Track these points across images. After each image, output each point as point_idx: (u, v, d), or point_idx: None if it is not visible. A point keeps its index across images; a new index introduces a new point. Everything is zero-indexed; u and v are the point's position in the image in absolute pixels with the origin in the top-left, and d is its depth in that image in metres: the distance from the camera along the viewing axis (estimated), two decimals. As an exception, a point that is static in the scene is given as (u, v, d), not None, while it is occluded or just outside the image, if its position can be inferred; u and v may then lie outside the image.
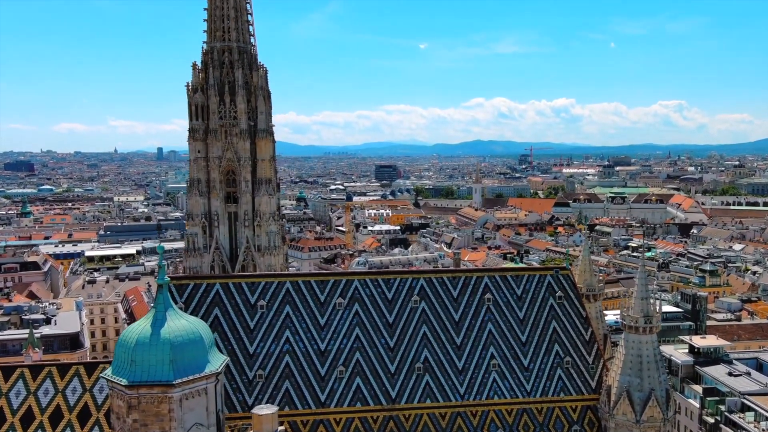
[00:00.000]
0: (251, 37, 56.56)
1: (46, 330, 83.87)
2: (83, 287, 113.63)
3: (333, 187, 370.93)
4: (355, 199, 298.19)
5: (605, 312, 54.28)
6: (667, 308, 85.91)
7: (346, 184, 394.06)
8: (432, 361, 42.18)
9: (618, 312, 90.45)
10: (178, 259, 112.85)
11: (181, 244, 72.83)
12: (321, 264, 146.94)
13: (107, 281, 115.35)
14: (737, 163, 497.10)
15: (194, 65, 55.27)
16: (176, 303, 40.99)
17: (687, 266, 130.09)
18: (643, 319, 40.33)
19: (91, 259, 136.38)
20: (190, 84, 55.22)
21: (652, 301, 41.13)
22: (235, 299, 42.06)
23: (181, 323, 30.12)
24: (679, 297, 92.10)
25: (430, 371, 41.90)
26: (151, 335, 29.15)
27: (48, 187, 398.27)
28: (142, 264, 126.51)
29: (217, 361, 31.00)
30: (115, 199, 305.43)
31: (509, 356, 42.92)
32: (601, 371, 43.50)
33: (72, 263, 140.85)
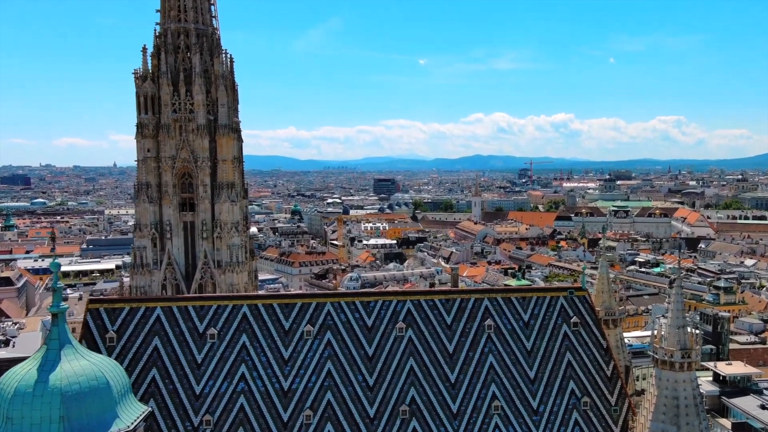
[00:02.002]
0: (213, 19, 49.35)
1: (2, 353, 76.16)
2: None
3: (330, 200, 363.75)
4: (352, 212, 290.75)
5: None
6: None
7: (343, 198, 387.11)
8: (420, 402, 34.51)
9: (631, 335, 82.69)
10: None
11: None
12: (311, 279, 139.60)
13: (80, 298, 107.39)
14: (740, 177, 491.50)
15: (144, 49, 47.99)
16: (107, 332, 33.68)
17: (699, 283, 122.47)
18: (680, 352, 32.81)
19: (67, 274, 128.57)
20: (138, 71, 48.02)
21: (689, 330, 33.67)
22: (180, 327, 34.49)
23: (79, 366, 22.61)
24: (698, 317, 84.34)
25: (417, 415, 34.22)
26: (36, 383, 21.65)
27: (41, 200, 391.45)
28: (121, 279, 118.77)
29: (131, 414, 23.41)
30: (106, 212, 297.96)
31: (515, 396, 35.25)
32: (626, 414, 35.83)
33: (48, 279, 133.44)
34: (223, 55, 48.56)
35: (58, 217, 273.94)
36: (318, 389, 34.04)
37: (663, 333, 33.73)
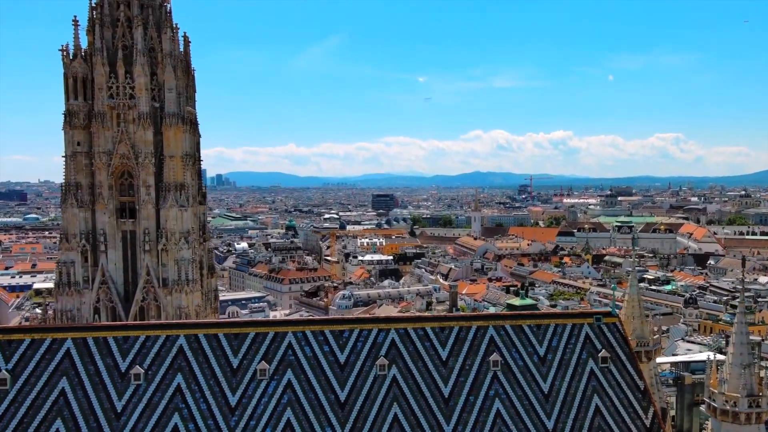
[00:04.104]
0: (162, -11, 42.14)
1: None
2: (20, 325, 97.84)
3: (327, 216, 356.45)
4: (349, 227, 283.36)
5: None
6: (710, 356, 70.39)
7: (341, 214, 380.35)
8: (407, 462, 26.71)
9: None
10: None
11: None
12: (301, 298, 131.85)
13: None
14: (743, 193, 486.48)
15: (75, 21, 40.71)
16: (-1, 371, 25.90)
17: (715, 301, 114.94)
18: (747, 400, 25.18)
19: (40, 292, 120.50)
20: (68, 47, 40.61)
21: (756, 370, 26.06)
22: (96, 364, 26.76)
23: None
24: (724, 341, 76.50)
25: (403, 479, 26.42)
26: None
27: (34, 216, 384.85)
28: (44, 302, 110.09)
29: None
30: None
31: (528, 454, 27.46)
32: (671, 477, 27.99)
33: (20, 297, 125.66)
34: (171, 29, 40.87)
35: (47, 233, 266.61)
36: (274, 446, 26.25)
37: (722, 374, 26.10)
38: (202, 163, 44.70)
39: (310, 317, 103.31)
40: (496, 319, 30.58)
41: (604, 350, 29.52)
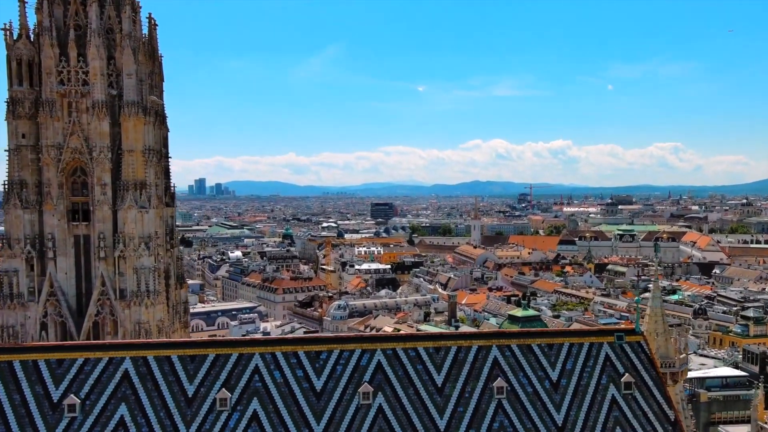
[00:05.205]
0: (121, -37, 37.92)
1: None
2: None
3: (325, 224, 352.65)
4: (347, 236, 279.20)
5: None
6: (726, 371, 66.20)
7: (339, 222, 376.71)
8: None
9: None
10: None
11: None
12: (295, 308, 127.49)
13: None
14: (744, 201, 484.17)
15: None
16: None
17: (724, 312, 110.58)
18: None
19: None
20: (11, 26, 36.50)
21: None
22: (23, 392, 22.49)
23: None
24: (741, 355, 72.24)
25: None
26: None
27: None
28: None
29: None
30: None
31: (540, 499, 23.15)
32: None
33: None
34: (132, 8, 36.67)
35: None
36: (235, 491, 21.96)
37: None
38: (172, 161, 40.61)
39: (302, 329, 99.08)
40: (501, 338, 26.31)
41: (627, 374, 25.27)
